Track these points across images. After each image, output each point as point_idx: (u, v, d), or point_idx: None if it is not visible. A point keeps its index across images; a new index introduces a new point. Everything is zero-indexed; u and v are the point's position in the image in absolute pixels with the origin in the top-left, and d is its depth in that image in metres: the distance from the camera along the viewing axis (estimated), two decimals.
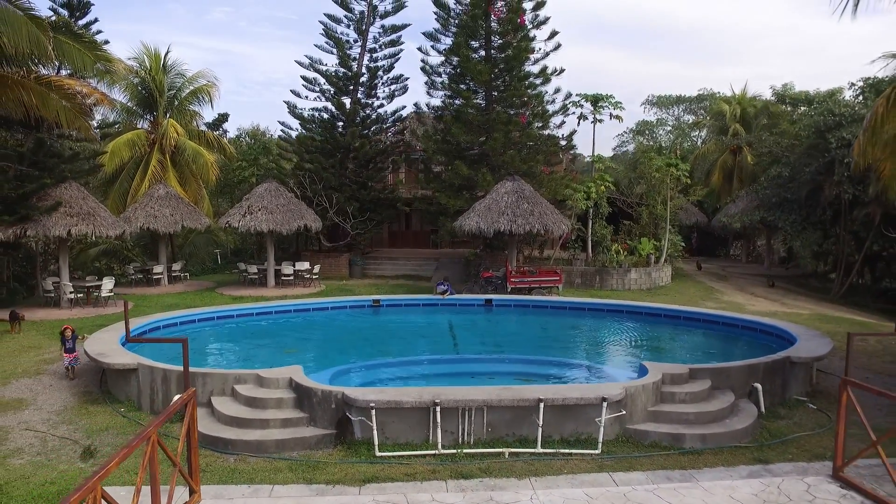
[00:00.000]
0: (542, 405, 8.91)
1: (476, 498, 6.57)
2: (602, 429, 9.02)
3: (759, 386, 10.93)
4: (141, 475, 4.58)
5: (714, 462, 8.59)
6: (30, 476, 8.29)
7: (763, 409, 10.78)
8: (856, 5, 11.33)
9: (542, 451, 8.80)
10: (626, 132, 74.70)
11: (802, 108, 38.11)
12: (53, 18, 19.75)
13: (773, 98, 43.58)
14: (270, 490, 7.44)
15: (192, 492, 6.30)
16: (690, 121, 64.46)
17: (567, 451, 8.84)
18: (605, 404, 9.03)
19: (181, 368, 10.57)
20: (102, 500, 4.21)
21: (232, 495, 7.26)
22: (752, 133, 40.88)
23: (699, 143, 56.69)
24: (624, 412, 9.41)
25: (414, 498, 6.60)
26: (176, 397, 10.35)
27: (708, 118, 52.18)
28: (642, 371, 10.71)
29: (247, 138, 44.76)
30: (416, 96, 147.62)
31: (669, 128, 69.01)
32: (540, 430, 8.90)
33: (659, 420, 9.69)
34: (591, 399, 9.12)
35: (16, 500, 7.56)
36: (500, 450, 8.79)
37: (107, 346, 12.16)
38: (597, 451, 8.84)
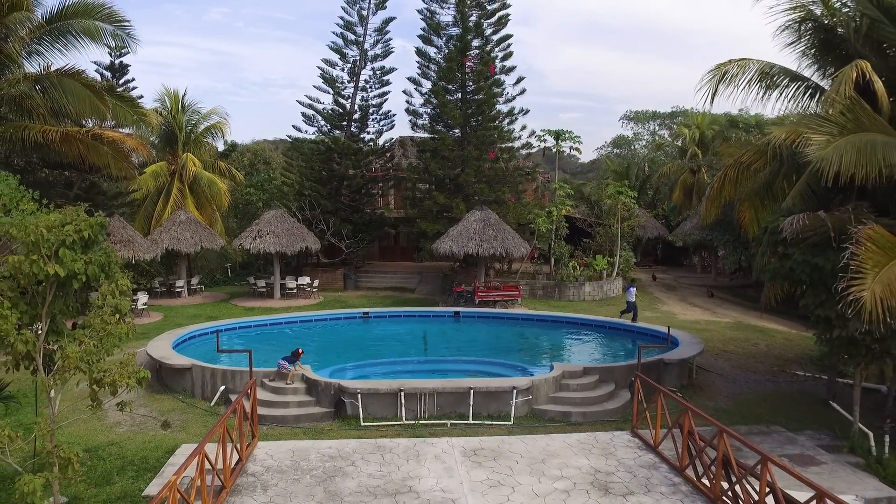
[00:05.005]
0: (472, 392, 13.29)
1: (418, 441, 10.95)
2: (514, 408, 13.39)
3: (657, 385, 15.31)
4: (239, 418, 8.88)
5: (588, 430, 12.96)
6: (132, 438, 12.62)
7: (641, 397, 15.17)
8: (712, 100, 15.79)
9: (472, 422, 13.16)
10: (605, 144, 79.58)
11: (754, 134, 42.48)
12: (100, 80, 24.01)
13: (727, 123, 48.11)
14: (293, 443, 11.79)
15: (252, 436, 10.66)
16: (666, 135, 69.19)
17: (490, 422, 13.20)
18: (515, 391, 13.43)
19: (225, 367, 14.99)
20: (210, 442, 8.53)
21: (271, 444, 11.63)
22: (707, 155, 45.40)
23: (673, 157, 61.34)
24: (531, 397, 13.79)
25: (381, 443, 10.97)
26: (221, 388, 14.72)
27: (672, 139, 56.63)
28: (552, 368, 15.09)
29: (249, 155, 48.99)
30: (403, 124, 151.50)
31: (644, 142, 73.90)
32: (471, 408, 13.28)
33: (556, 403, 14.06)
34: (506, 388, 13.52)
35: (130, 452, 11.88)
36: (445, 421, 13.15)
37: (164, 351, 16.46)
38: (510, 423, 13.20)
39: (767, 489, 7.36)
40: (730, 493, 8.19)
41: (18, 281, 7.90)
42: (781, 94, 15.26)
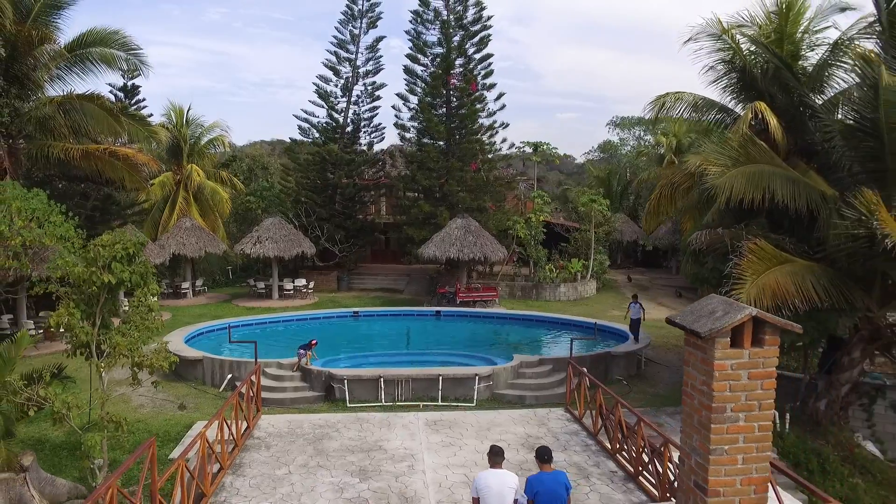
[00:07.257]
0: (440, 378, 15.76)
1: (390, 415, 13.44)
2: (476, 392, 15.85)
3: (584, 370, 17.80)
4: (247, 395, 11.35)
5: (533, 408, 15.40)
6: (155, 416, 15.06)
7: (588, 385, 17.65)
8: (654, 125, 18.27)
9: (441, 404, 15.62)
10: (593, 149, 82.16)
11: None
12: (114, 100, 26.42)
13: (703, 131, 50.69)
14: (290, 416, 14.25)
15: (257, 410, 13.14)
16: (650, 140, 71.82)
17: (456, 404, 15.66)
18: (477, 378, 15.90)
19: (231, 359, 17.42)
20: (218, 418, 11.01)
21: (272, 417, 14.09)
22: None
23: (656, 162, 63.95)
24: (492, 383, 16.26)
25: (361, 415, 13.45)
26: (229, 376, 17.15)
27: (654, 146, 59.12)
28: (512, 359, 17.55)
29: (248, 160, 51.37)
30: (393, 133, 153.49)
31: (630, 147, 76.51)
32: (440, 392, 15.74)
33: (514, 388, 16.53)
34: (470, 375, 16.00)
35: (154, 427, 14.31)
36: (417, 403, 15.59)
37: (177, 345, 18.87)
38: (473, 405, 15.65)
39: (643, 442, 9.85)
40: (624, 447, 10.69)
41: (80, 287, 10.35)
42: (710, 124, 17.82)
